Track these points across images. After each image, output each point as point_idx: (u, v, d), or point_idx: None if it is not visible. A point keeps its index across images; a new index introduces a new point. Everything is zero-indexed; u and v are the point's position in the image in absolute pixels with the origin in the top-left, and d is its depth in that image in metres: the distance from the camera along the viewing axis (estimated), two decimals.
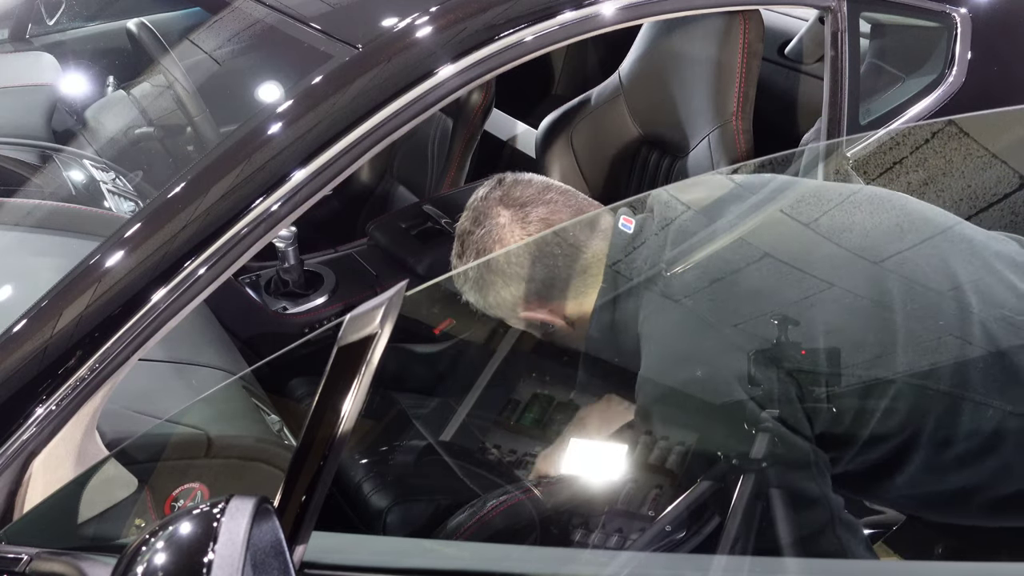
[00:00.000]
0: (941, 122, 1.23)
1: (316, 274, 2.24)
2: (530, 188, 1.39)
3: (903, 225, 1.26)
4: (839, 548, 1.14)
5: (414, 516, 1.60)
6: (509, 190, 1.39)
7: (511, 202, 1.38)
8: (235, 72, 2.08)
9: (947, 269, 1.21)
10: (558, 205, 1.38)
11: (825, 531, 1.14)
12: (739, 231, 1.32)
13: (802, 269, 1.24)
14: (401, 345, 1.93)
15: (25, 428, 1.09)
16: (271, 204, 1.20)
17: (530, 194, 1.38)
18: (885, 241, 1.25)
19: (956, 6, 1.80)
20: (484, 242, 1.38)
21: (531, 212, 1.36)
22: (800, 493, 1.15)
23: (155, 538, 0.76)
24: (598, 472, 1.30)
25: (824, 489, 1.16)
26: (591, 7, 1.40)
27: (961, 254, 1.23)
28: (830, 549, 1.14)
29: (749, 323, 1.25)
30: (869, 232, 1.26)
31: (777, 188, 1.37)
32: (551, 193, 1.39)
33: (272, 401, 1.68)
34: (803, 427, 1.15)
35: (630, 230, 1.36)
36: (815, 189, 1.45)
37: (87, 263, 1.15)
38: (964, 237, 1.26)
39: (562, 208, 1.38)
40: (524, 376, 1.58)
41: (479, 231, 1.38)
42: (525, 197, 1.38)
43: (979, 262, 1.22)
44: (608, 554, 1.17)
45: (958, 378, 1.17)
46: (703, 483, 1.19)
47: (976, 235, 1.27)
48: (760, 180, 1.42)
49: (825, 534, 1.14)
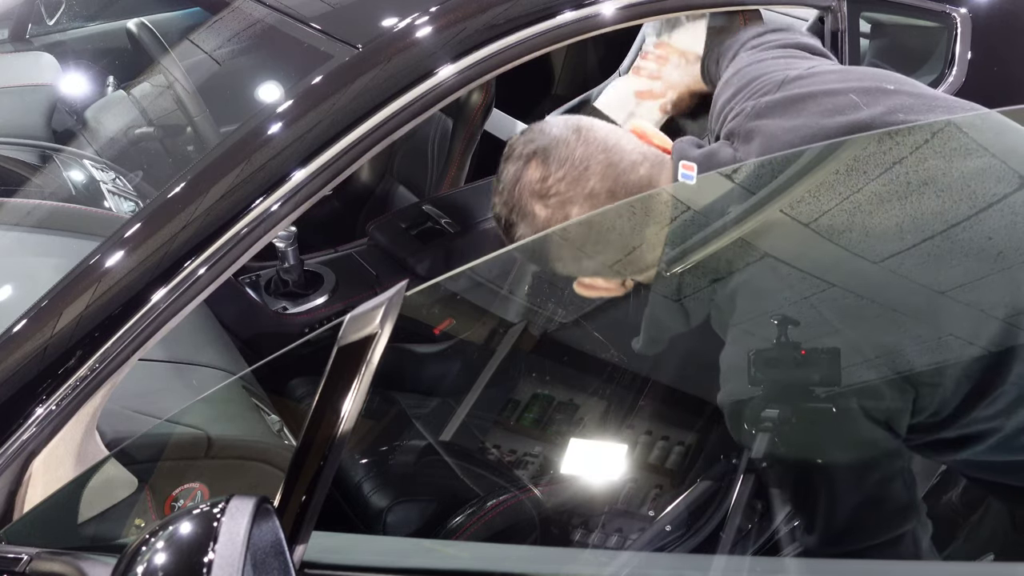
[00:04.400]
0: (941, 122, 1.23)
1: (316, 274, 2.24)
2: (564, 168, 1.25)
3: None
4: (913, 551, 1.11)
5: (414, 516, 1.60)
6: (542, 174, 1.25)
7: (545, 193, 1.25)
8: (235, 72, 2.08)
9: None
10: (599, 179, 1.24)
11: (905, 536, 1.11)
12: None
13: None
14: (401, 345, 1.93)
15: (25, 428, 1.09)
16: (271, 204, 1.20)
17: (566, 178, 1.24)
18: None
19: (956, 6, 1.80)
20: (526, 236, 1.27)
21: (570, 209, 1.24)
22: (890, 497, 1.12)
23: (155, 538, 0.76)
24: (598, 472, 1.30)
25: (913, 494, 1.13)
26: (591, 7, 1.40)
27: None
28: (905, 552, 1.11)
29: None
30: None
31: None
32: (591, 167, 1.24)
33: (272, 401, 1.68)
34: (899, 425, 1.10)
35: (692, 178, 1.22)
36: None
37: (87, 263, 1.15)
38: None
39: (604, 178, 1.24)
40: (524, 376, 1.58)
41: (521, 226, 1.28)
42: (561, 186, 1.24)
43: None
44: (608, 554, 1.17)
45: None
46: (703, 483, 1.19)
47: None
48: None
49: (905, 538, 1.11)
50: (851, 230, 1.16)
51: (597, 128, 1.28)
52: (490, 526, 1.34)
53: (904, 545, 1.12)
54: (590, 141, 1.26)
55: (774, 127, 1.26)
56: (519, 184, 1.26)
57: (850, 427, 1.11)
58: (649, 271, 1.27)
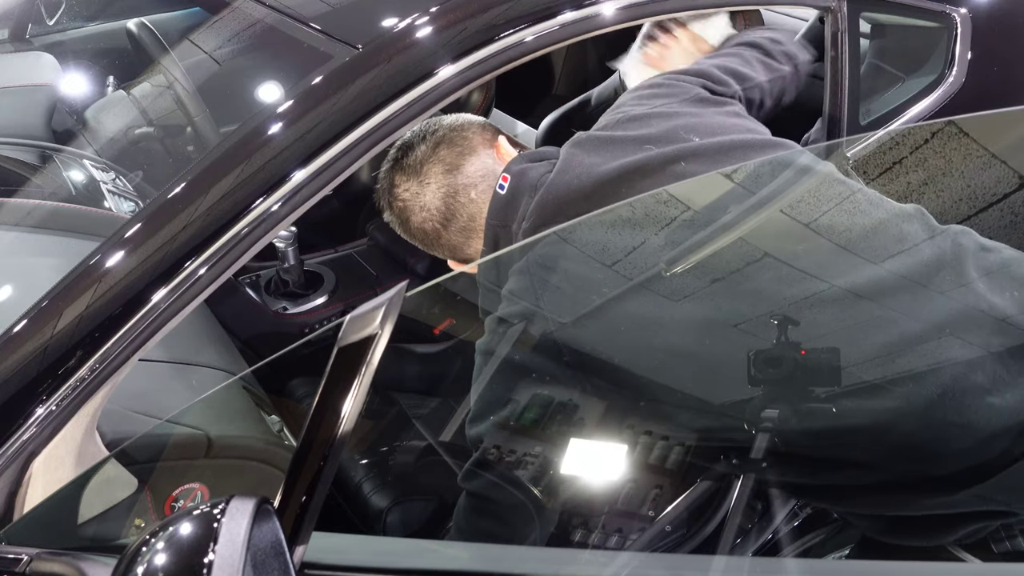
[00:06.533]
0: (941, 122, 1.23)
1: (316, 274, 2.24)
2: (409, 181, 1.52)
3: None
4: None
5: (414, 516, 1.60)
6: (396, 180, 1.53)
7: (394, 197, 1.54)
8: (235, 72, 2.08)
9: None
10: (432, 195, 1.50)
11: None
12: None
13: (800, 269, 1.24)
14: (401, 345, 1.93)
15: (25, 428, 1.09)
16: (271, 204, 1.20)
17: (409, 190, 1.52)
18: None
19: (956, 6, 1.80)
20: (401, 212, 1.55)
21: (409, 216, 1.53)
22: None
23: (155, 538, 0.76)
24: (598, 472, 1.30)
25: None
26: (591, 7, 1.40)
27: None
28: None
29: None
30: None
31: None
32: (430, 183, 1.50)
33: (272, 401, 1.68)
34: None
35: (504, 191, 1.45)
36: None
37: (87, 263, 1.15)
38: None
39: (434, 196, 1.50)
40: (524, 376, 1.58)
41: (386, 213, 1.58)
42: (406, 195, 1.52)
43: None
44: (608, 554, 1.17)
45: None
46: (703, 483, 1.19)
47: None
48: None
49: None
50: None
51: (454, 144, 1.52)
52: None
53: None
54: (439, 159, 1.51)
55: (575, 159, 1.44)
56: (383, 181, 1.56)
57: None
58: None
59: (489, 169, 1.50)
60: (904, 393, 1.13)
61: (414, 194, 1.51)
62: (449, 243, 1.53)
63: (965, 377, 1.12)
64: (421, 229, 1.53)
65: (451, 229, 1.51)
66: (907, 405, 1.12)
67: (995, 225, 1.31)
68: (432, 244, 1.55)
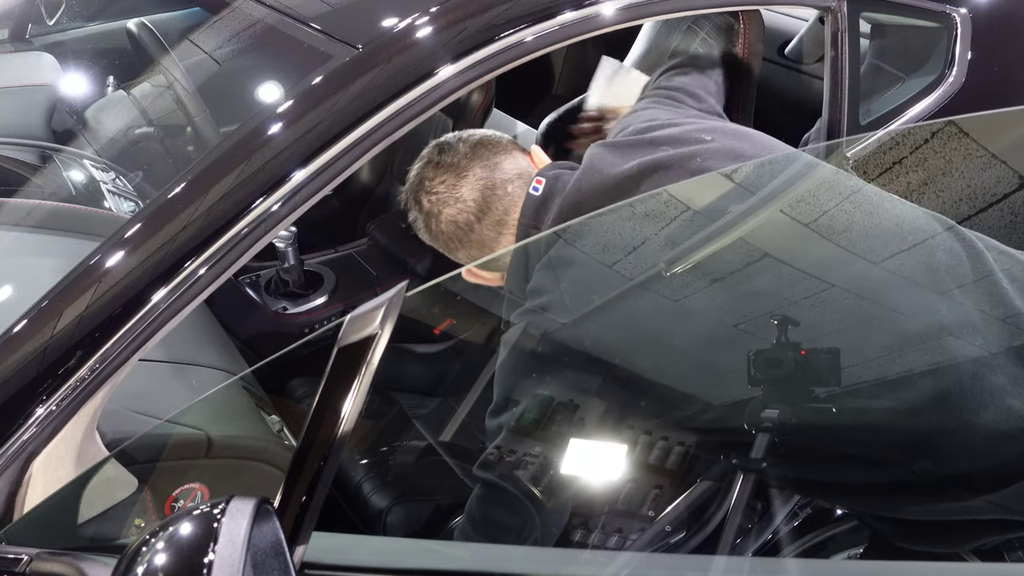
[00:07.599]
0: (941, 122, 1.23)
1: (316, 274, 2.24)
2: (446, 174, 1.53)
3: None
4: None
5: (414, 516, 1.60)
6: (431, 175, 1.54)
7: (429, 190, 1.54)
8: (235, 72, 2.08)
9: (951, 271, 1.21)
10: (469, 188, 1.51)
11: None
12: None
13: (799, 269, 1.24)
14: (401, 345, 1.93)
15: (25, 428, 1.09)
16: (271, 204, 1.20)
17: (445, 182, 1.53)
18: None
19: (956, 6, 1.80)
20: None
21: (443, 208, 1.52)
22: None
23: (155, 538, 0.76)
24: (598, 472, 1.30)
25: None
26: (591, 7, 1.40)
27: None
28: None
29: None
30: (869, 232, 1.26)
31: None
32: (468, 177, 1.52)
33: (272, 401, 1.68)
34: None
35: (539, 192, 1.48)
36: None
37: (87, 263, 1.15)
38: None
39: (472, 188, 1.51)
40: (524, 376, 1.58)
41: (412, 212, 1.58)
42: (441, 187, 1.53)
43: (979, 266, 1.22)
44: (608, 554, 1.17)
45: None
46: (703, 483, 1.19)
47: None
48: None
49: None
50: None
51: (491, 145, 1.56)
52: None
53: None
54: (477, 156, 1.54)
55: (596, 161, 1.50)
56: (414, 179, 1.57)
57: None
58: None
59: (524, 169, 1.54)
60: (920, 388, 1.13)
61: (450, 186, 1.52)
62: (480, 237, 1.52)
63: (983, 376, 1.12)
64: (453, 222, 1.52)
65: (485, 222, 1.51)
66: (923, 401, 1.12)
67: (995, 225, 1.31)
68: (460, 239, 1.54)
